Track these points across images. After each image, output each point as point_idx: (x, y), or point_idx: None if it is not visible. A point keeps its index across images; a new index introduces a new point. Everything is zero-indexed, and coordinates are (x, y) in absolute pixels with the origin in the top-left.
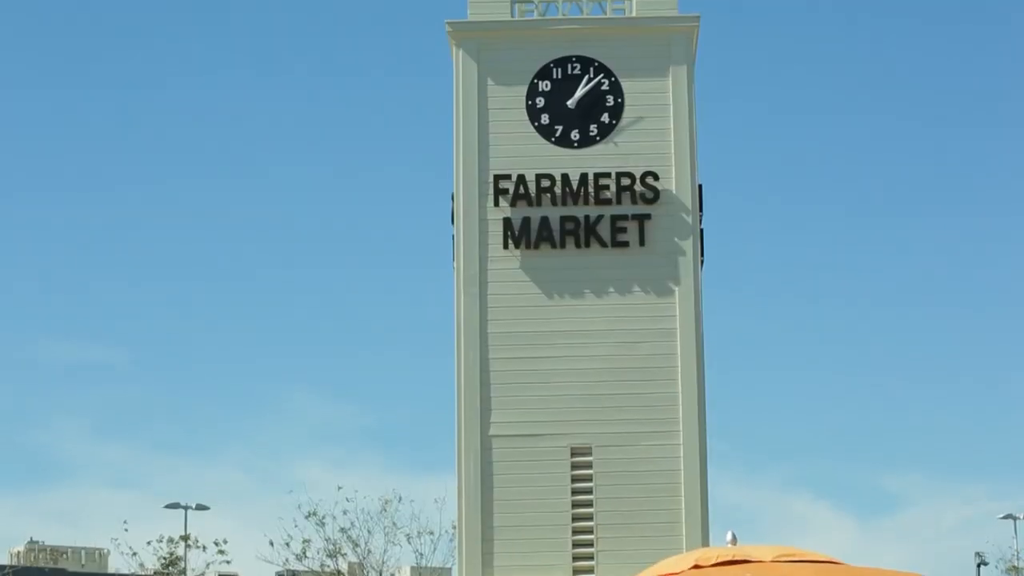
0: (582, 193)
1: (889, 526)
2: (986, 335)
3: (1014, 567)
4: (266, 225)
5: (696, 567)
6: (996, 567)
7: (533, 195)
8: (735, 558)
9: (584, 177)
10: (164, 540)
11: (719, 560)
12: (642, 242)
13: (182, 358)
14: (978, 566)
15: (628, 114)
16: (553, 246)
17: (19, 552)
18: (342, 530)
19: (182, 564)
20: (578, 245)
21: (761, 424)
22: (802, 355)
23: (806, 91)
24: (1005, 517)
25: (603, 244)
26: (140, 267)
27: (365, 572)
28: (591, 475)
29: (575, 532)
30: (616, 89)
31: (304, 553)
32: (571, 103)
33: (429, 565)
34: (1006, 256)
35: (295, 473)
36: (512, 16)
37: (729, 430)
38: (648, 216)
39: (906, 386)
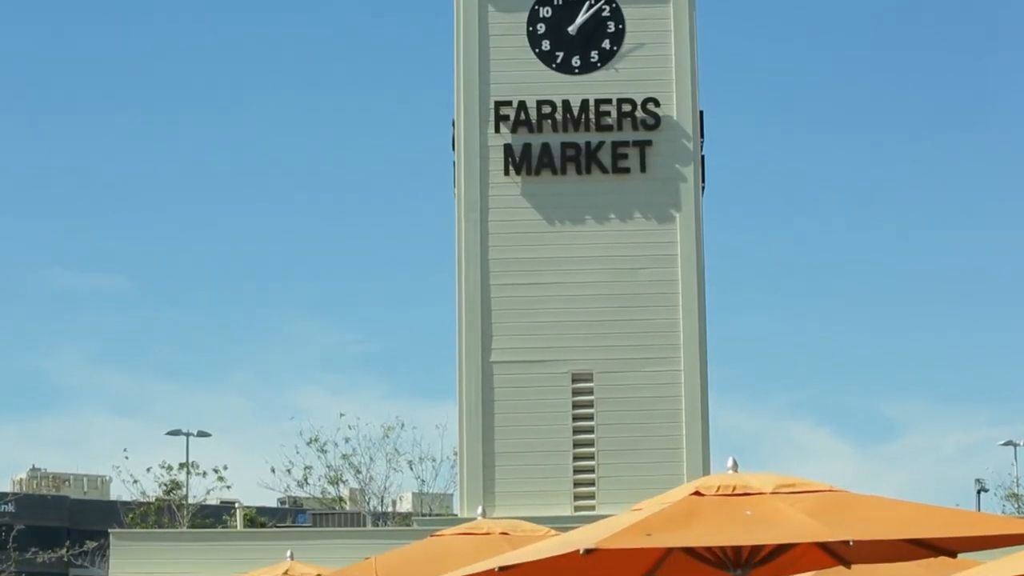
0: (583, 119)
1: (889, 453)
2: (988, 260)
3: (1014, 494)
4: (266, 154)
5: (697, 494)
6: (996, 494)
7: (534, 121)
8: (736, 487)
9: (585, 103)
10: (165, 467)
11: (720, 490)
12: (643, 168)
13: (183, 285)
14: (978, 492)
15: (629, 40)
16: (554, 172)
17: (21, 479)
18: (344, 457)
19: (183, 491)
20: (579, 171)
21: (763, 350)
22: (804, 281)
23: (808, 16)
24: (1005, 444)
25: (604, 170)
26: (141, 194)
27: (367, 498)
28: (592, 401)
29: (576, 458)
30: (617, 15)
31: (305, 480)
32: (572, 29)
33: (431, 491)
34: (1012, 181)
35: (296, 400)
36: None
37: (731, 356)
38: (649, 142)
39: (907, 312)
